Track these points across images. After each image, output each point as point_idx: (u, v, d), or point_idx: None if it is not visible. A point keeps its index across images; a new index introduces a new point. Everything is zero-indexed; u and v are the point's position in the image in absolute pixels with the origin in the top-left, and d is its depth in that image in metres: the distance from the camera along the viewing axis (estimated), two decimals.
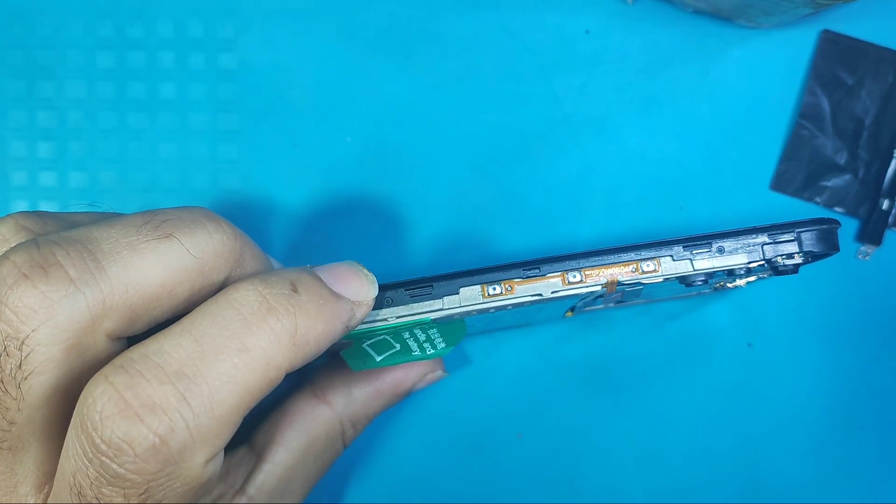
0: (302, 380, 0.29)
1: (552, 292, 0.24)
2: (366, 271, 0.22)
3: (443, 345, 0.24)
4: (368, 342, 0.24)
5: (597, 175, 0.32)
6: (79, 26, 0.33)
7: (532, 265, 0.24)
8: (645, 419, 0.32)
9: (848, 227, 0.32)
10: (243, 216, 0.32)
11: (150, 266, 0.20)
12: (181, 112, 0.33)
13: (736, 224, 0.32)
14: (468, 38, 0.32)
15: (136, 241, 0.20)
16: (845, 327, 0.32)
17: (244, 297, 0.20)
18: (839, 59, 0.32)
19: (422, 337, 0.24)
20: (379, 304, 0.23)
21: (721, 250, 0.24)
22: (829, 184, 0.32)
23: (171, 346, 0.19)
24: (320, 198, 0.32)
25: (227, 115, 0.33)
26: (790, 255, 0.24)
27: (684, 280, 0.24)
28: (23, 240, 0.21)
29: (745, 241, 0.24)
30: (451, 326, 0.24)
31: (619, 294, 0.25)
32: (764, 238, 0.24)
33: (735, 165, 0.32)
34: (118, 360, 0.19)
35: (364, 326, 0.23)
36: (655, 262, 0.24)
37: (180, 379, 0.18)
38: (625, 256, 0.24)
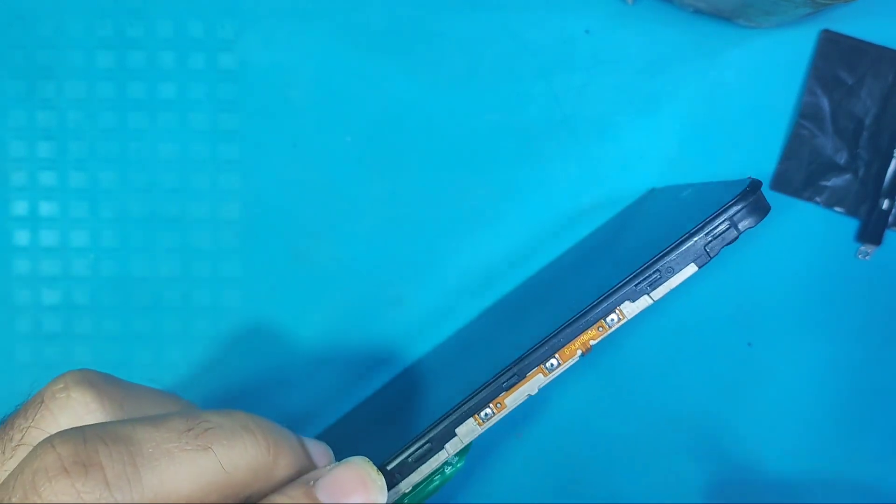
0: None
1: (539, 387, 0.24)
2: (374, 474, 0.22)
3: (456, 459, 0.25)
4: None
5: (597, 175, 0.32)
6: (79, 26, 0.33)
7: (509, 373, 0.23)
8: (645, 418, 0.32)
9: (848, 227, 0.32)
10: (243, 216, 0.32)
11: (184, 478, 0.20)
12: (181, 112, 0.33)
13: None
14: (468, 38, 0.32)
15: (176, 449, 0.21)
16: (845, 327, 0.32)
17: None
18: (839, 59, 0.32)
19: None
20: (391, 484, 0.23)
21: (671, 270, 0.24)
22: (829, 183, 0.32)
23: None
24: (320, 198, 0.32)
25: (227, 115, 0.33)
26: (733, 238, 0.24)
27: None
28: (84, 391, 0.22)
29: (687, 251, 0.24)
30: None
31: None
32: (704, 238, 0.24)
33: (735, 165, 0.32)
34: None
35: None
36: (618, 313, 0.24)
37: None
38: (586, 322, 0.24)
